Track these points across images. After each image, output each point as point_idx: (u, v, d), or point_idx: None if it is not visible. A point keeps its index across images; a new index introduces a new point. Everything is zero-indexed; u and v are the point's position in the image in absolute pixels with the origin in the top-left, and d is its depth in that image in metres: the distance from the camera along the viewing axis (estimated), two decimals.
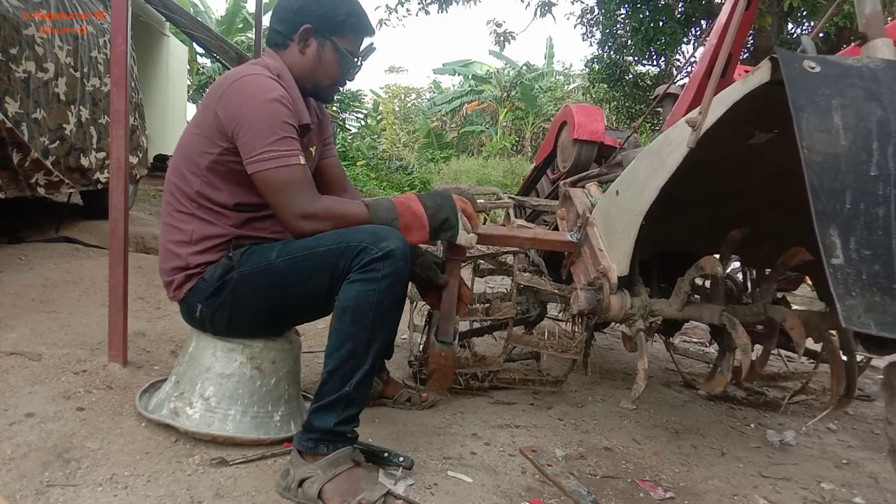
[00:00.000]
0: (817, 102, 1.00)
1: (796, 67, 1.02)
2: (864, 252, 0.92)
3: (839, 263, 0.91)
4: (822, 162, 0.96)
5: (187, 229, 1.43)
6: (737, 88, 1.19)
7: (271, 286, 1.38)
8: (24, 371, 1.65)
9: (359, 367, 1.28)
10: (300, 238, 1.36)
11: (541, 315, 2.18)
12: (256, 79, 1.38)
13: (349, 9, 1.49)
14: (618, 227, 1.58)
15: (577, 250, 1.76)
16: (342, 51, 1.50)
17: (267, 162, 1.32)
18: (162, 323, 2.31)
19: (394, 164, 14.49)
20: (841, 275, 0.91)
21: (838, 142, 0.98)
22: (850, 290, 0.90)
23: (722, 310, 1.60)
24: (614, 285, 1.55)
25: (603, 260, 1.60)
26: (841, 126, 0.99)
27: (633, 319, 1.58)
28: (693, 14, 8.36)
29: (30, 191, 2.70)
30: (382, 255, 1.26)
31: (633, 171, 1.56)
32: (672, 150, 1.35)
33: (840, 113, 0.99)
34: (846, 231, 0.93)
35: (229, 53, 5.30)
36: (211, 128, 1.38)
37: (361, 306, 1.27)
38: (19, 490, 1.16)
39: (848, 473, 1.71)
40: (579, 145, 3.02)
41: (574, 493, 1.39)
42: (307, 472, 1.25)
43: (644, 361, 1.52)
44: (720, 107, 1.22)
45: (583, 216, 1.75)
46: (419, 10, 9.18)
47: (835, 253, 0.92)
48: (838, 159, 0.97)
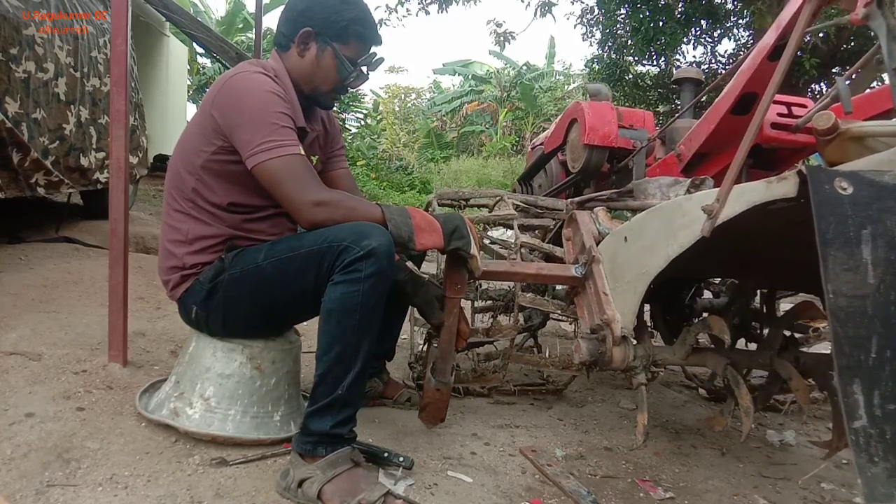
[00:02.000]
0: (846, 234, 0.91)
1: (826, 191, 0.93)
2: (889, 406, 0.86)
3: (861, 426, 0.84)
4: (847, 307, 0.88)
5: (183, 229, 1.43)
6: (758, 191, 1.12)
7: (260, 288, 1.38)
8: (24, 371, 1.65)
9: (350, 369, 1.27)
10: (313, 229, 1.34)
11: (543, 322, 2.17)
12: (249, 75, 1.38)
13: (355, 15, 1.46)
14: (625, 276, 1.54)
15: (582, 283, 1.73)
16: (341, 57, 1.47)
17: (266, 153, 1.30)
18: (162, 323, 2.31)
19: (394, 164, 14.49)
20: (863, 439, 0.84)
21: (866, 280, 0.90)
22: (872, 456, 0.83)
23: (727, 364, 1.57)
24: (618, 338, 1.51)
25: (608, 308, 1.55)
26: (870, 261, 0.90)
27: (636, 371, 1.54)
28: (693, 14, 8.36)
29: (30, 191, 2.70)
30: (364, 255, 1.24)
31: (644, 225, 1.50)
32: (685, 224, 1.30)
33: (871, 245, 0.91)
34: (870, 385, 0.86)
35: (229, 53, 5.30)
36: (207, 127, 1.39)
37: (346, 308, 1.25)
38: (19, 490, 1.16)
39: (848, 473, 1.71)
40: (590, 150, 2.96)
41: (574, 493, 1.39)
42: (306, 472, 1.24)
43: (644, 416, 1.50)
44: (738, 204, 1.15)
45: (589, 251, 1.70)
46: (419, 10, 9.18)
47: (857, 413, 0.85)
48: (865, 301, 0.89)
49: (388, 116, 16.41)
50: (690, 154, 2.63)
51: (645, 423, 1.50)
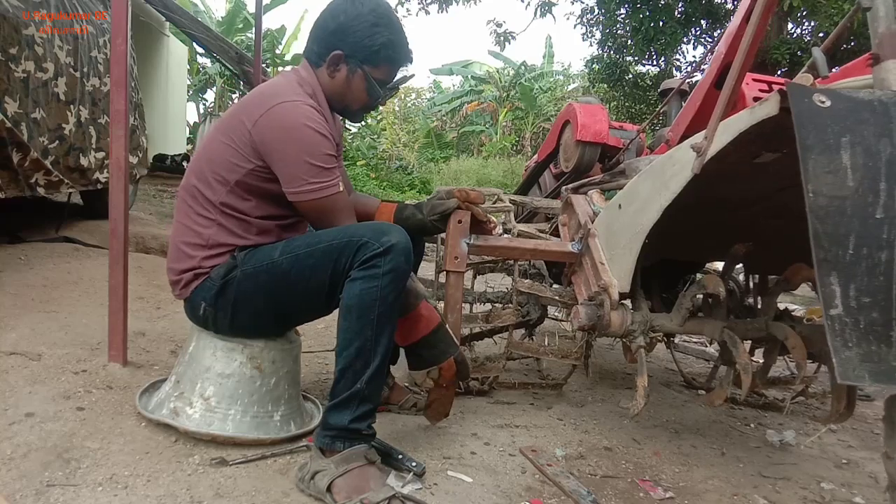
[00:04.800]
0: (826, 141, 0.96)
1: (806, 103, 0.99)
2: (864, 299, 0.91)
3: (837, 314, 0.90)
4: (826, 206, 0.94)
5: (205, 234, 1.43)
6: (743, 119, 1.17)
7: (274, 284, 1.39)
8: (24, 371, 1.65)
9: (369, 364, 1.29)
10: None
11: (541, 317, 2.18)
12: (297, 106, 1.37)
13: (387, 39, 1.45)
14: (620, 241, 1.57)
15: (579, 260, 1.75)
16: (372, 81, 1.49)
17: (311, 193, 1.37)
18: (162, 323, 2.31)
19: (394, 163, 14.50)
20: (839, 326, 0.90)
21: (845, 183, 0.95)
22: (846, 341, 0.89)
23: (723, 326, 1.58)
24: (615, 301, 1.53)
25: (604, 275, 1.58)
26: (849, 166, 0.96)
27: (634, 336, 1.57)
28: (693, 14, 8.37)
29: (30, 191, 2.70)
30: (383, 251, 1.28)
31: (636, 188, 1.54)
32: (675, 172, 1.33)
33: (849, 152, 0.96)
34: (847, 278, 0.91)
35: (229, 53, 5.30)
36: (244, 143, 1.39)
37: (365, 304, 1.28)
38: (19, 490, 1.16)
39: (848, 473, 1.71)
40: (582, 147, 2.99)
41: (574, 492, 1.39)
42: (321, 465, 1.27)
43: (644, 378, 1.51)
44: (725, 135, 1.20)
45: (584, 227, 1.73)
46: (419, 10, 9.19)
47: (833, 303, 0.91)
48: (844, 202, 0.94)
49: (388, 116, 16.41)
50: (678, 137, 2.66)
51: (645, 385, 1.51)
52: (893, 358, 0.90)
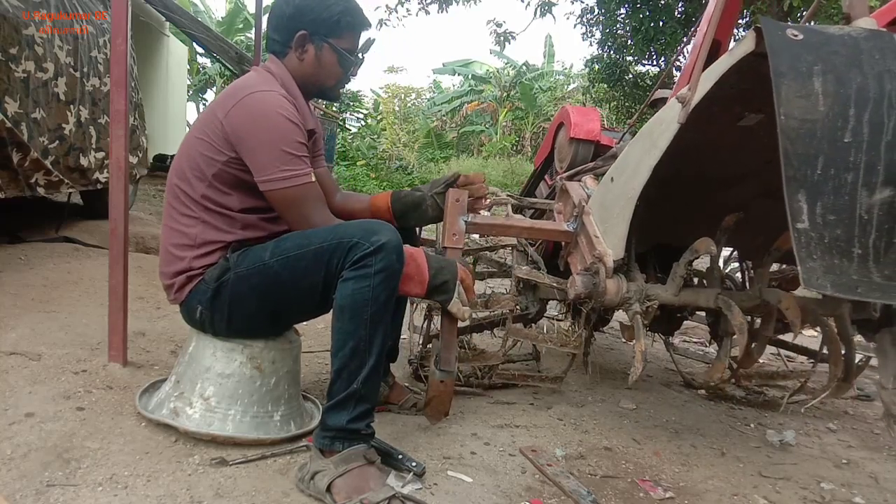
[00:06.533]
0: (798, 69, 1.01)
1: (779, 35, 1.04)
2: (829, 216, 0.96)
3: (804, 227, 0.95)
4: (797, 128, 0.98)
5: (191, 233, 1.43)
6: (723, 61, 1.21)
7: (267, 286, 1.39)
8: (24, 371, 1.65)
9: (364, 364, 1.29)
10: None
11: (540, 312, 2.17)
12: (266, 95, 1.38)
13: (342, 7, 1.49)
14: (613, 212, 1.59)
15: (574, 240, 1.77)
16: (340, 51, 1.51)
17: (281, 181, 1.36)
18: (162, 323, 2.31)
19: (394, 163, 14.49)
20: (805, 238, 0.95)
21: (816, 108, 0.99)
22: (811, 253, 0.94)
23: (717, 293, 1.61)
24: (610, 269, 1.56)
25: (599, 246, 1.61)
26: (820, 92, 1.00)
27: (630, 303, 1.59)
28: (693, 14, 8.36)
29: (29, 191, 2.70)
30: (374, 250, 1.27)
31: (626, 156, 1.57)
32: (663, 130, 1.36)
33: (821, 79, 1.01)
34: (814, 196, 0.96)
35: (229, 53, 5.30)
36: (217, 136, 1.39)
37: (358, 304, 1.28)
38: (19, 490, 1.16)
39: (848, 473, 1.71)
40: (576, 144, 3.02)
41: (574, 492, 1.39)
42: (320, 466, 1.27)
43: (641, 344, 1.53)
44: (708, 81, 1.23)
45: (579, 206, 1.76)
46: (419, 10, 9.18)
47: (801, 217, 0.96)
48: (814, 125, 0.99)
49: (388, 116, 16.41)
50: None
51: (642, 349, 1.52)
52: (854, 272, 0.95)
